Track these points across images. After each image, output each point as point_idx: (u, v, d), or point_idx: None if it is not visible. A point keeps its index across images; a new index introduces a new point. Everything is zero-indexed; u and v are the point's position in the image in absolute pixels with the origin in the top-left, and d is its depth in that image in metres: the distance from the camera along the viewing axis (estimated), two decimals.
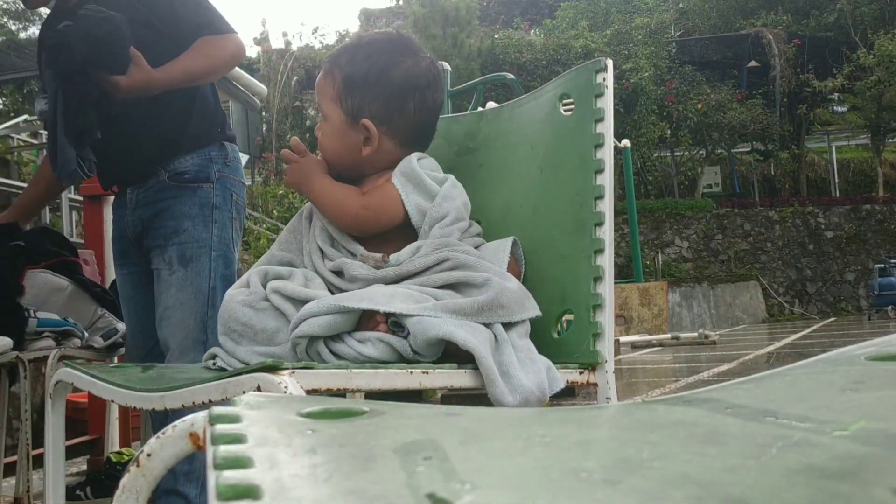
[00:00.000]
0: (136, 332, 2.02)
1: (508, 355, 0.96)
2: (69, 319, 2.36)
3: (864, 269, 16.04)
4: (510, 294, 1.02)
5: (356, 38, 1.26)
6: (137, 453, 0.52)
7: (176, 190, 1.89)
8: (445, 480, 0.29)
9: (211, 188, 1.92)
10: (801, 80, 17.71)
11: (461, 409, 0.44)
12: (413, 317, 0.94)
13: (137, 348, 2.01)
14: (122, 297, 2.06)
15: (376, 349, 0.93)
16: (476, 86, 5.27)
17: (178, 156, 1.90)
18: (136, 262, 1.98)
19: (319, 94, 1.22)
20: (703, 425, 0.38)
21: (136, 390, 0.95)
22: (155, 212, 1.90)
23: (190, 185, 1.90)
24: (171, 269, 1.85)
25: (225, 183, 1.94)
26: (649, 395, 4.80)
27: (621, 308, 9.15)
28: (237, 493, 0.28)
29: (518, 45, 16.21)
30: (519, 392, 0.91)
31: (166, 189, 1.90)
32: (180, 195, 1.89)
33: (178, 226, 1.87)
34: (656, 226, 15.99)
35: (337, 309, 0.95)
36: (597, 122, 1.11)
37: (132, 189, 1.95)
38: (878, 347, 0.49)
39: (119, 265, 2.04)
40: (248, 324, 1.03)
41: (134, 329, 2.03)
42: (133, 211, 1.94)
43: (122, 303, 2.07)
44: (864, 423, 0.34)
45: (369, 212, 1.13)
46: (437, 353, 0.94)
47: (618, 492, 0.28)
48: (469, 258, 1.05)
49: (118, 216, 2.01)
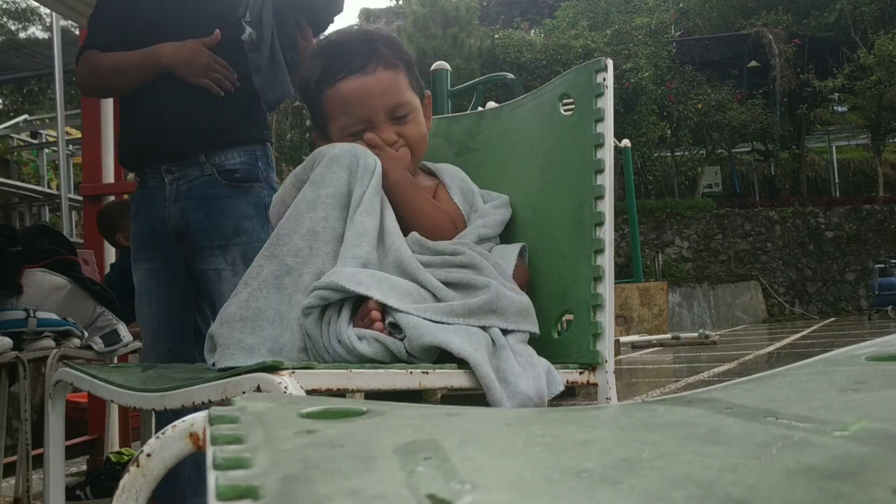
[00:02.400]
0: (156, 329, 1.93)
1: (507, 360, 0.95)
2: (69, 319, 2.37)
3: (864, 269, 16.04)
4: (507, 301, 1.01)
5: (359, 32, 1.24)
6: (137, 453, 0.52)
7: (228, 188, 1.86)
8: (445, 480, 0.29)
9: (261, 188, 1.90)
10: (802, 80, 17.71)
11: (461, 409, 0.44)
12: (410, 319, 0.94)
13: (157, 347, 1.93)
14: (141, 293, 1.95)
15: (371, 347, 0.93)
16: (476, 86, 5.26)
17: (226, 149, 1.87)
18: (165, 257, 1.90)
19: (395, 91, 1.19)
20: (703, 425, 0.38)
21: (136, 390, 0.95)
22: (208, 210, 1.85)
23: (242, 184, 1.87)
24: (235, 270, 1.81)
25: (270, 183, 1.93)
26: (649, 395, 4.80)
27: (621, 308, 9.15)
28: (237, 493, 0.28)
29: (518, 45, 16.22)
30: (517, 398, 0.91)
31: (217, 186, 1.85)
32: (234, 194, 1.86)
33: (239, 226, 1.84)
34: (656, 226, 15.99)
35: (335, 286, 0.94)
36: (597, 121, 1.11)
37: (172, 179, 1.87)
38: (878, 347, 0.49)
39: (141, 259, 1.94)
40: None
41: (154, 327, 1.94)
42: (174, 203, 1.87)
43: (141, 298, 1.95)
44: (864, 423, 0.34)
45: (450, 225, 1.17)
46: (433, 357, 0.94)
47: (618, 492, 0.28)
48: (478, 258, 1.05)
49: (148, 207, 1.91)
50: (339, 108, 1.18)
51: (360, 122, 1.18)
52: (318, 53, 1.25)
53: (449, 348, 0.91)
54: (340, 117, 1.19)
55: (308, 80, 1.23)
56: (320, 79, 1.20)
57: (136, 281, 1.96)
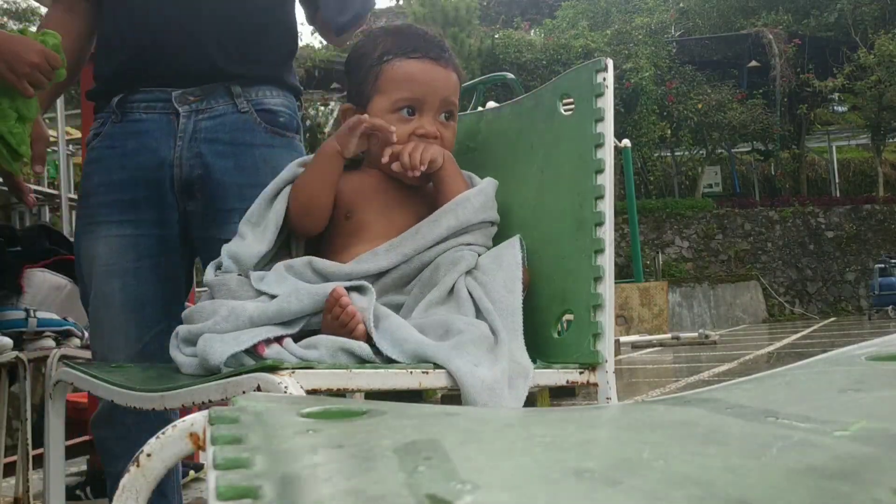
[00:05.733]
0: (127, 319, 1.40)
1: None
2: (69, 319, 2.37)
3: (864, 269, 16.03)
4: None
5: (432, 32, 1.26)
6: (137, 453, 0.52)
7: (270, 135, 1.44)
8: (445, 480, 0.29)
9: (300, 142, 1.52)
10: (802, 79, 17.69)
11: (461, 409, 0.44)
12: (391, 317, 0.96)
13: (127, 342, 1.41)
14: (110, 272, 1.40)
15: (330, 354, 0.91)
16: (476, 86, 5.27)
17: (265, 85, 1.45)
18: (156, 220, 1.41)
19: (455, 91, 1.23)
20: (703, 425, 0.38)
21: (136, 390, 0.95)
22: (241, 159, 1.40)
23: (286, 133, 1.47)
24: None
25: (302, 139, 1.55)
26: (649, 395, 4.80)
27: (621, 308, 9.15)
28: (237, 493, 0.28)
29: (518, 45, 16.21)
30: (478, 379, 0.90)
31: (255, 130, 1.42)
32: (277, 144, 1.44)
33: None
34: (656, 226, 15.98)
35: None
36: (597, 121, 1.11)
37: (188, 111, 1.40)
38: (878, 347, 0.49)
39: (110, 223, 1.41)
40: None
41: (125, 315, 1.40)
42: (190, 143, 1.39)
43: (107, 276, 1.40)
44: (864, 423, 0.34)
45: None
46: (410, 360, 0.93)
47: (618, 492, 0.28)
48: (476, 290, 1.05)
49: (133, 149, 1.40)
50: (401, 81, 1.19)
51: (415, 102, 1.19)
52: (387, 31, 1.26)
53: (437, 359, 0.91)
54: (399, 90, 1.19)
55: (368, 52, 1.23)
56: (389, 51, 1.20)
57: (99, 255, 1.41)
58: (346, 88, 1.29)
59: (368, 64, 1.21)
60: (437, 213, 1.12)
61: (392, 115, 1.18)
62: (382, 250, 1.08)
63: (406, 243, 1.09)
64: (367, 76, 1.21)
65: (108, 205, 1.41)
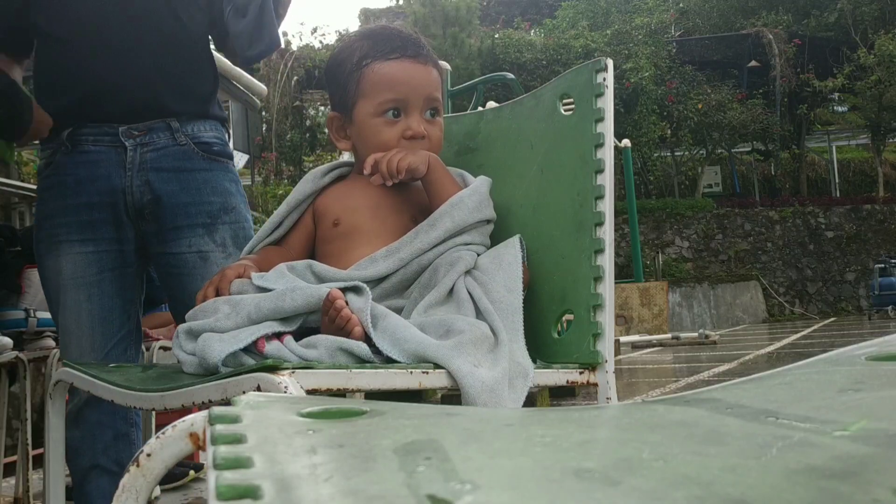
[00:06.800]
0: (94, 327, 1.57)
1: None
2: None
3: (864, 269, 16.03)
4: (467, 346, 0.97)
5: (407, 29, 1.26)
6: (137, 453, 0.52)
7: (207, 161, 1.63)
8: (445, 480, 0.29)
9: (233, 166, 1.69)
10: (802, 79, 17.70)
11: (461, 409, 0.44)
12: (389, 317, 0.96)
13: (94, 348, 1.56)
14: (76, 284, 1.56)
15: (329, 354, 0.92)
16: (476, 86, 5.27)
17: (198, 120, 1.63)
18: (114, 238, 1.58)
19: (437, 86, 1.23)
20: (703, 425, 0.38)
21: (136, 390, 0.95)
22: (184, 183, 1.59)
23: (220, 158, 1.66)
24: (227, 252, 1.60)
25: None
26: (649, 395, 4.80)
27: (621, 308, 9.15)
28: (237, 493, 0.28)
29: (518, 45, 16.21)
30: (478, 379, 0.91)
31: (194, 158, 1.61)
32: (214, 168, 1.64)
33: (227, 203, 1.63)
34: (656, 226, 15.98)
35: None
36: (597, 121, 1.12)
37: (134, 144, 1.57)
38: (878, 347, 0.49)
39: (73, 241, 1.57)
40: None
41: (91, 323, 1.57)
42: (138, 173, 1.57)
43: (74, 289, 1.56)
44: (864, 423, 0.34)
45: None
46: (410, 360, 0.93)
47: (618, 492, 0.28)
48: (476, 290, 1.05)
49: (89, 177, 1.57)
50: (383, 84, 1.19)
51: (399, 103, 1.19)
52: (362, 35, 1.26)
53: (437, 359, 0.91)
54: (380, 93, 1.19)
55: (347, 57, 1.23)
56: (367, 55, 1.20)
57: (64, 270, 1.57)
58: (329, 97, 1.30)
59: (348, 70, 1.21)
60: (434, 217, 1.12)
61: (378, 119, 1.19)
62: (381, 256, 1.08)
63: (404, 248, 1.09)
64: (348, 83, 1.21)
65: (67, 225, 1.57)
